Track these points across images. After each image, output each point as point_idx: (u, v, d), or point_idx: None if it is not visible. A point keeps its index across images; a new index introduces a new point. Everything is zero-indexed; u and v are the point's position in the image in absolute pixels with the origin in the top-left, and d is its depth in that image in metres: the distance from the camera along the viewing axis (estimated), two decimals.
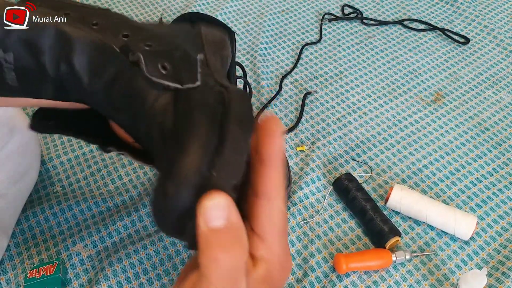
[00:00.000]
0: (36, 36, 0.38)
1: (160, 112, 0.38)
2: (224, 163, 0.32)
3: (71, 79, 0.40)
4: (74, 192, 0.69)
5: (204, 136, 0.33)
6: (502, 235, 0.66)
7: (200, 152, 0.32)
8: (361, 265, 0.61)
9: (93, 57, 0.39)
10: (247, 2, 1.02)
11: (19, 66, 0.38)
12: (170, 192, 0.31)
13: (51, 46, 0.38)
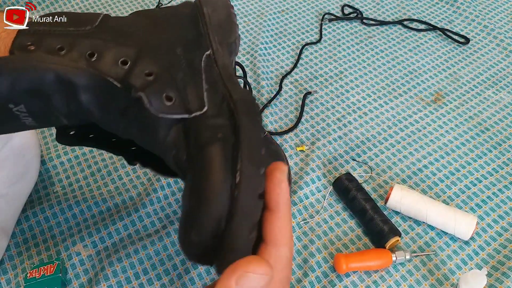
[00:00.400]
0: (38, 85, 0.38)
1: (172, 146, 0.39)
2: (241, 207, 0.33)
3: (83, 113, 0.41)
4: (74, 192, 0.69)
5: (219, 182, 0.34)
6: (502, 235, 0.66)
7: (218, 201, 0.34)
8: (361, 265, 0.61)
9: (98, 94, 0.40)
10: (247, 2, 1.02)
11: (33, 112, 0.39)
12: (194, 240, 0.35)
13: (55, 90, 0.39)
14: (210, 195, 0.34)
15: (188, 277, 0.60)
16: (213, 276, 0.61)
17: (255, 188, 0.35)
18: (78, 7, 1.00)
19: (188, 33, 0.44)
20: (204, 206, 0.34)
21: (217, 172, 0.34)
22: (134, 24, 0.44)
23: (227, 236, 0.34)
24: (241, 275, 0.31)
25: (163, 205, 0.68)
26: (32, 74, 0.38)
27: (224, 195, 0.34)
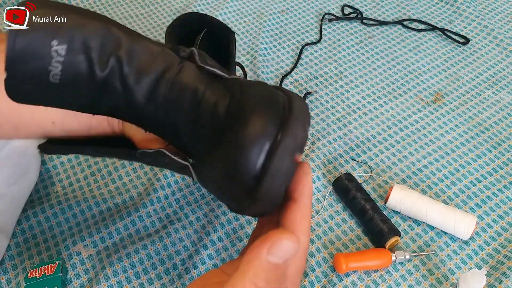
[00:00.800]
0: (87, 34, 0.37)
1: (212, 102, 0.40)
2: (289, 131, 0.36)
3: (117, 78, 0.39)
4: (74, 192, 0.69)
5: (267, 110, 0.36)
6: (502, 235, 0.66)
7: (265, 120, 0.36)
8: (361, 264, 0.61)
9: (141, 54, 0.39)
10: (247, 2, 1.02)
11: (69, 61, 0.37)
12: (241, 156, 0.35)
13: (102, 44, 0.38)
14: (257, 117, 0.36)
15: (188, 277, 0.60)
16: None
17: (294, 150, 0.36)
18: None
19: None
20: (249, 124, 0.36)
21: (264, 105, 0.37)
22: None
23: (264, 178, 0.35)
24: (273, 243, 0.32)
25: (163, 205, 0.68)
26: (100, 26, 0.38)
27: (273, 118, 0.36)
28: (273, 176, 0.37)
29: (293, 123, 0.37)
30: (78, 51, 0.37)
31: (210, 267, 0.61)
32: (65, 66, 0.37)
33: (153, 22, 0.98)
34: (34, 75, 0.37)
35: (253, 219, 0.66)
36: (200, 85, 0.40)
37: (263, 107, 0.37)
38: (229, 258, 0.63)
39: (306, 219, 0.36)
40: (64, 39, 0.36)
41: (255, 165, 0.36)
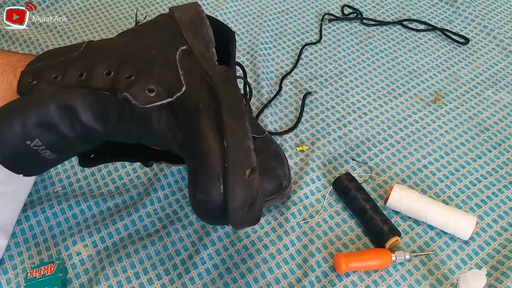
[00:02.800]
0: (45, 116, 0.44)
1: (167, 130, 0.45)
2: (232, 155, 0.40)
3: (88, 132, 0.47)
4: (74, 192, 0.69)
5: (209, 141, 0.41)
6: (502, 235, 0.66)
7: (211, 157, 0.40)
8: (361, 265, 0.61)
9: (94, 108, 0.46)
10: (247, 3, 1.02)
11: (48, 143, 0.45)
12: (200, 198, 0.40)
13: (60, 117, 0.45)
14: (204, 154, 0.40)
15: (189, 277, 0.60)
16: (213, 276, 0.61)
17: (242, 137, 0.41)
18: (78, 7, 1.00)
19: (163, 37, 0.51)
20: (201, 166, 0.40)
21: (205, 134, 0.40)
22: (116, 41, 0.51)
23: (226, 184, 0.39)
24: None
25: (163, 205, 0.68)
26: (38, 109, 0.44)
27: (216, 151, 0.40)
28: (234, 198, 0.40)
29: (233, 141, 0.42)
30: (48, 135, 0.45)
31: (210, 267, 0.61)
32: (49, 148, 0.46)
33: None
34: (34, 164, 0.48)
35: None
36: (153, 120, 0.47)
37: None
38: (229, 258, 0.63)
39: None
40: (32, 136, 0.45)
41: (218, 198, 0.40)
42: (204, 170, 0.39)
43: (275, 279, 0.61)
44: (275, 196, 0.64)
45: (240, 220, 0.41)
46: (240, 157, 0.40)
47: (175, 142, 0.45)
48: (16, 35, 0.90)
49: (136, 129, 0.46)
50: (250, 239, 0.64)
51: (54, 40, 0.91)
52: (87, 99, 0.45)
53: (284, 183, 0.65)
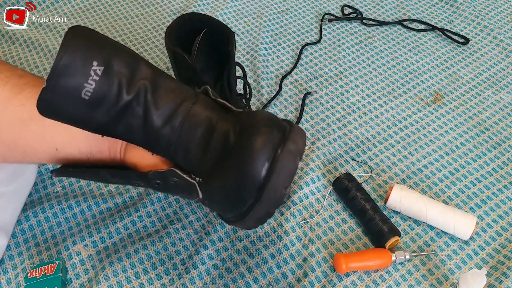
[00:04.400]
0: (122, 62, 0.44)
1: (223, 130, 0.47)
2: (291, 138, 0.45)
3: (140, 102, 0.44)
4: (74, 192, 0.69)
5: (272, 127, 0.46)
6: (502, 235, 0.66)
7: (271, 131, 0.45)
8: (361, 264, 0.61)
9: (163, 86, 0.45)
10: (247, 3, 1.02)
11: (103, 81, 0.42)
12: (253, 160, 0.44)
13: (132, 72, 0.44)
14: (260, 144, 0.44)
15: (189, 277, 0.60)
16: (213, 276, 0.61)
17: (296, 154, 0.45)
18: (78, 7, 1.00)
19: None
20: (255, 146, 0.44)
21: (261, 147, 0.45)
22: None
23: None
24: None
25: (163, 205, 0.68)
26: (129, 58, 0.45)
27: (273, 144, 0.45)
28: (278, 174, 0.43)
29: (294, 134, 0.45)
30: (112, 74, 0.42)
31: (210, 267, 0.61)
32: (99, 85, 0.42)
33: (153, 22, 0.98)
34: (69, 89, 0.42)
35: None
36: (213, 116, 0.47)
37: (268, 125, 0.46)
38: (229, 258, 0.63)
39: None
40: (102, 62, 0.41)
41: (263, 167, 0.44)
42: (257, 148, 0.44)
43: (275, 279, 0.61)
44: None
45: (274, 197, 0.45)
46: (287, 172, 0.46)
47: (223, 146, 0.47)
48: (16, 35, 0.90)
49: (191, 124, 0.47)
50: (250, 239, 0.64)
51: (54, 40, 0.91)
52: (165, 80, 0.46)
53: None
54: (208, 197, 0.49)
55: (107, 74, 0.42)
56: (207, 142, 0.46)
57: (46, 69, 0.87)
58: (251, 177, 0.44)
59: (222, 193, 0.47)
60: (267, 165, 0.43)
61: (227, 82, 0.67)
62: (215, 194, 0.48)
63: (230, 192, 0.46)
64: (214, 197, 0.48)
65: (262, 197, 0.44)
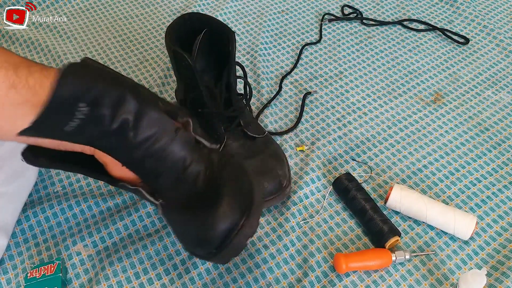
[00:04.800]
0: (107, 98, 0.43)
1: (195, 173, 0.50)
2: (249, 222, 0.51)
3: (120, 132, 0.45)
4: (74, 192, 0.69)
5: (235, 198, 0.51)
6: (502, 235, 0.66)
7: (232, 207, 0.50)
8: (361, 265, 0.61)
9: (145, 120, 0.46)
10: (247, 2, 1.02)
11: (88, 118, 0.43)
12: (213, 229, 0.50)
13: (115, 106, 0.44)
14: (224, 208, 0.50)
15: (189, 277, 0.60)
16: (213, 276, 0.61)
17: (249, 236, 0.52)
18: (78, 7, 1.00)
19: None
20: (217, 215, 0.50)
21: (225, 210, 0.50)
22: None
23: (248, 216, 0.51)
24: None
25: None
26: (116, 89, 0.45)
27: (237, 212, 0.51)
28: (229, 249, 0.51)
29: (253, 219, 0.51)
30: (97, 113, 0.43)
31: (210, 267, 0.61)
32: (83, 122, 0.43)
33: (153, 22, 0.98)
34: (55, 123, 0.43)
35: None
36: (188, 156, 0.50)
37: (233, 194, 0.51)
38: None
39: None
40: (89, 102, 0.42)
41: (219, 238, 0.50)
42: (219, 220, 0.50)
43: (275, 279, 0.61)
44: (275, 196, 0.64)
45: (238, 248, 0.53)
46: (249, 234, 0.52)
47: (191, 188, 0.51)
48: (16, 35, 0.90)
49: (159, 157, 0.49)
50: (250, 239, 0.64)
51: (54, 40, 0.91)
52: (146, 105, 0.47)
53: (284, 183, 0.65)
54: (168, 222, 0.55)
55: (92, 113, 0.43)
56: (177, 178, 0.50)
57: None
58: (209, 238, 0.50)
59: (180, 228, 0.53)
60: (221, 239, 0.50)
61: (227, 82, 0.67)
62: (173, 223, 0.54)
63: (188, 233, 0.52)
64: (173, 227, 0.54)
65: (211, 258, 0.53)
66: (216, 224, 0.50)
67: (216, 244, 0.50)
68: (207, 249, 0.51)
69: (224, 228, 0.50)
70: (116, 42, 0.93)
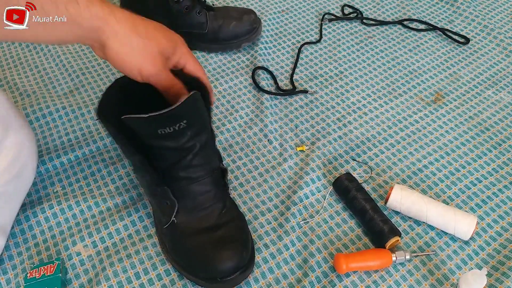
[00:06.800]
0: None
1: (212, 211, 0.60)
2: (245, 275, 0.60)
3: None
4: (74, 192, 0.69)
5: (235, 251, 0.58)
6: (502, 235, 0.66)
7: (232, 261, 0.57)
8: (361, 265, 0.61)
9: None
10: (247, 2, 1.02)
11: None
12: (215, 275, 0.58)
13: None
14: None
15: None
16: None
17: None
18: None
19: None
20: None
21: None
22: None
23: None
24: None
25: None
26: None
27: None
28: (229, 282, 0.58)
29: (253, 263, 0.60)
30: (188, 130, 0.55)
31: None
32: (174, 132, 0.54)
33: None
34: (151, 127, 0.54)
35: (252, 219, 0.66)
36: (215, 192, 0.60)
37: (240, 239, 0.59)
38: None
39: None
40: (188, 121, 0.54)
41: (222, 273, 0.56)
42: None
43: (275, 279, 0.61)
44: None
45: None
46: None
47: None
48: None
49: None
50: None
51: None
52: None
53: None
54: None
55: (185, 130, 0.54)
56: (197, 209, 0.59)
57: (46, 69, 0.87)
58: (214, 270, 0.57)
59: (188, 252, 0.58)
60: (223, 274, 0.57)
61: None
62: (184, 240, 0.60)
63: (193, 254, 0.58)
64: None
65: (208, 283, 0.59)
66: (224, 260, 0.56)
67: (219, 275, 0.57)
68: (213, 275, 0.57)
69: (232, 265, 0.57)
70: None
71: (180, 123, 0.52)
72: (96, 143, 0.74)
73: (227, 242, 0.57)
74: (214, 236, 0.58)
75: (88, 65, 0.88)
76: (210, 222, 0.59)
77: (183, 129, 0.53)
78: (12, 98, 0.81)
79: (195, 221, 0.59)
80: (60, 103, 0.80)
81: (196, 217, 0.59)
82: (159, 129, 0.52)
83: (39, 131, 0.76)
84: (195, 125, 0.55)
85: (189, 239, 0.58)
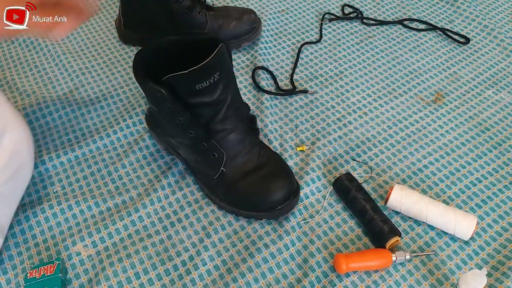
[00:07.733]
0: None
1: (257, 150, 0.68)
2: (296, 199, 0.67)
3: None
4: (74, 192, 0.69)
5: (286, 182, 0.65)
6: (502, 235, 0.66)
7: (283, 190, 0.64)
8: (361, 265, 0.61)
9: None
10: (247, 2, 1.02)
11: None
12: (269, 204, 0.65)
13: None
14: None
15: (189, 278, 0.60)
16: (214, 277, 0.61)
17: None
18: None
19: None
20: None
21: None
22: None
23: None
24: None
25: (163, 205, 0.68)
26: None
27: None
28: (282, 210, 0.64)
29: (298, 197, 0.66)
30: (220, 83, 0.61)
31: (211, 268, 0.61)
32: (209, 85, 0.60)
33: None
34: (189, 81, 0.59)
35: (252, 220, 0.66)
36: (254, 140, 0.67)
37: (283, 178, 0.65)
38: (230, 259, 0.62)
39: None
40: (221, 74, 0.60)
41: (277, 201, 0.63)
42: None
43: (275, 279, 0.61)
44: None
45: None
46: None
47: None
48: (16, 34, 0.90)
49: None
50: (250, 238, 0.64)
51: (54, 40, 0.91)
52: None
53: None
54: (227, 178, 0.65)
55: (218, 83, 0.58)
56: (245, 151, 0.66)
57: (46, 69, 0.87)
58: (272, 200, 0.63)
59: (244, 192, 0.64)
60: (281, 201, 0.63)
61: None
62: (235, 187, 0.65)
63: (249, 193, 0.64)
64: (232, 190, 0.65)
65: (269, 212, 0.65)
66: (277, 188, 0.63)
67: (274, 204, 0.63)
68: (265, 206, 0.63)
69: (285, 191, 0.63)
70: (116, 41, 0.93)
71: (214, 75, 0.58)
72: (96, 143, 0.74)
73: (276, 175, 0.64)
74: (262, 174, 0.64)
75: (88, 65, 0.88)
76: (253, 164, 0.65)
77: (216, 82, 0.59)
78: (12, 98, 0.81)
79: (240, 166, 0.65)
80: (60, 103, 0.80)
81: (241, 163, 0.65)
82: (197, 84, 0.58)
83: (39, 131, 0.76)
84: (225, 77, 0.60)
85: (241, 182, 0.64)
